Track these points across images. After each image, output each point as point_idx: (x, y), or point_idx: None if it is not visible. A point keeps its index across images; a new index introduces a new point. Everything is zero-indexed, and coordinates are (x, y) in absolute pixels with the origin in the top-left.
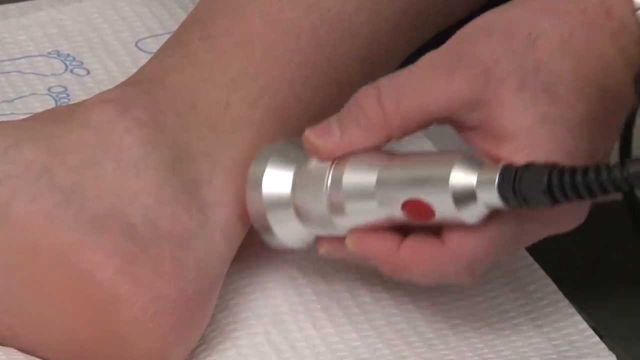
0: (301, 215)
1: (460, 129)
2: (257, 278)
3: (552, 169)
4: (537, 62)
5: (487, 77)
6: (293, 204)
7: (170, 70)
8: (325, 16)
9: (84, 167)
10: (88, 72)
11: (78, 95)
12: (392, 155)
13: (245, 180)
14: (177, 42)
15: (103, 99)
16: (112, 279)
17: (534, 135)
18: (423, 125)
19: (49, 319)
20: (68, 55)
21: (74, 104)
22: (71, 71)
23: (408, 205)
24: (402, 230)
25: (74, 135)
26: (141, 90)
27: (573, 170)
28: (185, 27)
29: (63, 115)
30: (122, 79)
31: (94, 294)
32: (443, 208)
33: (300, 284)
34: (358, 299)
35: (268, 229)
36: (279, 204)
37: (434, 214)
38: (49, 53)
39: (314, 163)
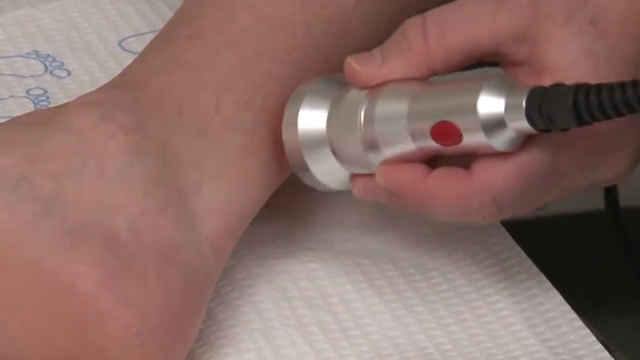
0: (337, 153)
1: (506, 64)
2: (247, 290)
3: (579, 88)
4: None
5: (534, 10)
6: (329, 142)
7: (156, 71)
8: (321, 13)
9: (64, 175)
10: (69, 74)
11: (58, 97)
12: (425, 84)
13: (281, 121)
14: (164, 40)
15: (85, 101)
16: (94, 293)
17: (576, 68)
18: (468, 60)
19: (28, 334)
20: (48, 55)
21: (55, 107)
22: (51, 72)
23: (437, 129)
24: (434, 165)
25: (54, 141)
26: (125, 93)
27: (599, 88)
28: (172, 24)
29: (43, 119)
30: (105, 81)
31: (74, 308)
32: (471, 131)
33: (293, 296)
34: (353, 312)
35: (306, 168)
36: (315, 142)
37: (462, 136)
38: (28, 53)
39: (348, 98)
